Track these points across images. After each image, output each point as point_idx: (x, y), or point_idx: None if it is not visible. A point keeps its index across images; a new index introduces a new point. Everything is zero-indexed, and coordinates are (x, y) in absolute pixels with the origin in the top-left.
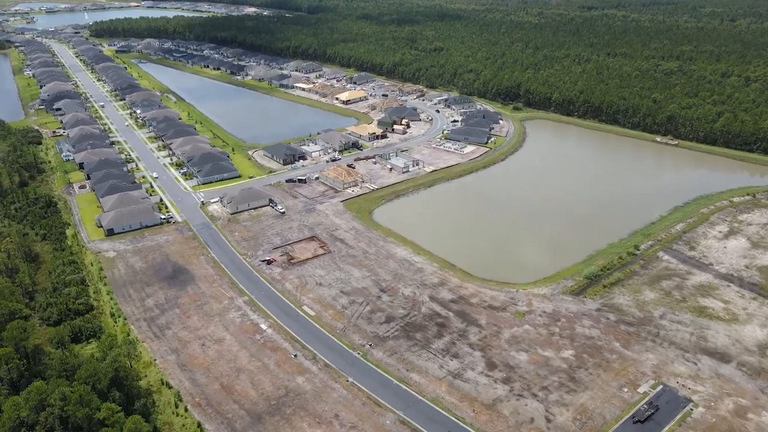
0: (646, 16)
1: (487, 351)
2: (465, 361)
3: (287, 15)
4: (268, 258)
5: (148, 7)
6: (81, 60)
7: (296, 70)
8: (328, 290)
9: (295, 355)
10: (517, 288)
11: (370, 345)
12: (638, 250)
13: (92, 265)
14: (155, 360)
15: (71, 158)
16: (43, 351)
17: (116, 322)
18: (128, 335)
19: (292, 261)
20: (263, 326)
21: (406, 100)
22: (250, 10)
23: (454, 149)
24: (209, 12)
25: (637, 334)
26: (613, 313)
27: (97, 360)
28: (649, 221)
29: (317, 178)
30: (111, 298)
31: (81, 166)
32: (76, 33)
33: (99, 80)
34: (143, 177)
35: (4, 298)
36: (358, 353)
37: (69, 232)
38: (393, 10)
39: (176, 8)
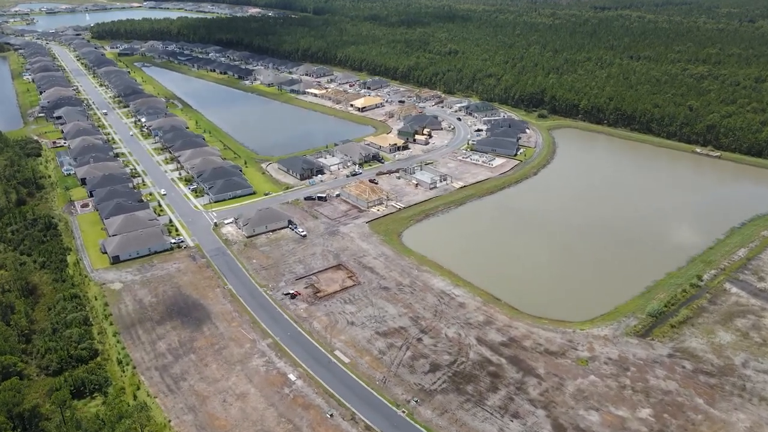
0: (662, 17)
1: (551, 409)
2: (528, 423)
3: (293, 16)
4: (291, 291)
5: (150, 7)
6: (82, 63)
7: (306, 75)
8: (362, 331)
9: (331, 415)
10: (573, 328)
11: (416, 401)
12: (701, 281)
13: (96, 300)
14: (170, 421)
15: (72, 172)
16: (41, 414)
17: (124, 372)
18: (138, 388)
19: (318, 294)
20: (292, 377)
21: (424, 107)
22: (254, 10)
23: (482, 162)
24: (212, 13)
25: (720, 388)
26: (688, 361)
27: (102, 421)
28: (705, 246)
29: (338, 196)
30: (118, 341)
31: (83, 181)
32: (77, 35)
33: (101, 85)
34: (150, 194)
35: None
36: (403, 411)
37: (70, 258)
38: (401, 11)
39: (179, 9)
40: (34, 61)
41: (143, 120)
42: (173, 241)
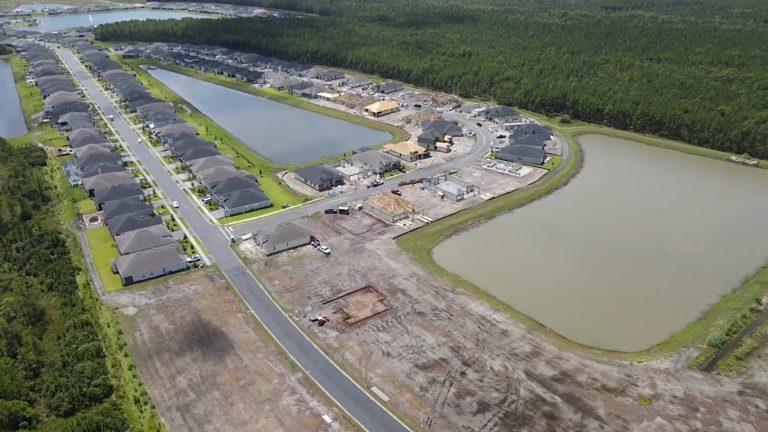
0: (675, 17)
1: None
2: None
3: (299, 17)
4: (319, 317)
5: (154, 8)
6: (86, 66)
7: (317, 77)
8: (399, 363)
9: None
10: (630, 360)
11: None
12: (761, 304)
13: (109, 327)
14: None
15: (80, 183)
16: None
17: (142, 412)
18: None
19: (348, 321)
20: (327, 419)
21: (441, 112)
22: (259, 11)
23: (509, 171)
24: (217, 13)
25: None
26: (760, 399)
27: None
28: (757, 264)
29: (360, 208)
30: (134, 376)
31: (91, 193)
32: (81, 36)
33: (107, 89)
34: (162, 207)
35: (4, 392)
36: None
37: (80, 279)
38: (408, 11)
39: (182, 9)
40: (37, 63)
41: (152, 126)
42: (189, 259)
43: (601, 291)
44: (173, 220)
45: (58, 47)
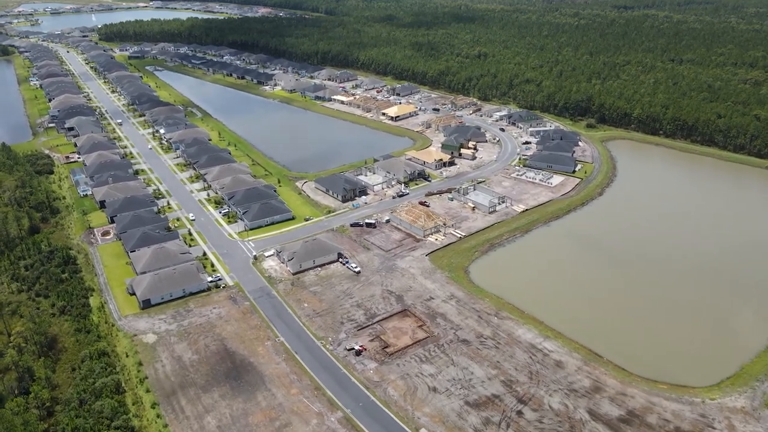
0: (690, 16)
1: None
2: None
3: (306, 17)
4: (356, 346)
5: (157, 7)
6: (91, 67)
7: (329, 79)
8: (448, 400)
9: None
10: (701, 396)
11: None
12: None
13: (128, 357)
14: None
15: (89, 193)
16: None
17: None
18: None
19: (387, 350)
20: None
21: (462, 116)
22: (264, 10)
23: (540, 180)
24: (222, 13)
25: None
26: None
27: None
28: None
29: (388, 221)
30: (158, 415)
31: (102, 204)
32: (84, 36)
33: (113, 91)
34: (177, 219)
35: None
36: None
37: (93, 301)
38: (417, 11)
39: (186, 9)
40: (41, 65)
41: (162, 131)
42: (210, 279)
43: (656, 315)
44: (190, 234)
45: (68, 51)
